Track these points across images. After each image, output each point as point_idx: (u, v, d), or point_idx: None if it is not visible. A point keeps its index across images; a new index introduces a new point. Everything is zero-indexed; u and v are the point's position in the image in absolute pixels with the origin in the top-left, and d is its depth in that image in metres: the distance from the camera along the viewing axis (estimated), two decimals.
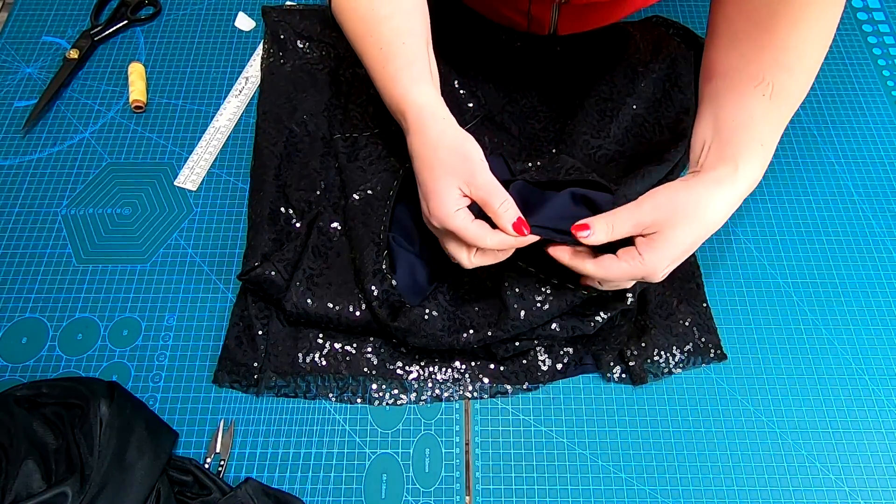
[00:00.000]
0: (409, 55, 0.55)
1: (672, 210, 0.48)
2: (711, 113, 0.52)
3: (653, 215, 0.48)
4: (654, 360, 0.59)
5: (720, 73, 0.53)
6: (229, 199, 0.68)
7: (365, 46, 0.56)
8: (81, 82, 0.75)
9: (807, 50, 0.51)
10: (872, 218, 0.67)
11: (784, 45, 0.50)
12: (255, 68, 0.76)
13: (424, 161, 0.52)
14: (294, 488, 0.54)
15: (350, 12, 0.57)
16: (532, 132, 0.70)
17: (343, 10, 0.58)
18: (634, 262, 0.49)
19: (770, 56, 0.51)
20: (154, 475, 0.50)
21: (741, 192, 0.49)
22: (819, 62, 0.52)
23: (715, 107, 0.52)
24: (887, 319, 0.62)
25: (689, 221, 0.48)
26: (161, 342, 0.61)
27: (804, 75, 0.51)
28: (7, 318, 0.61)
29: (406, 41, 0.55)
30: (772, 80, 0.50)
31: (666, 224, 0.48)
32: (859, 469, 0.56)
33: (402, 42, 0.55)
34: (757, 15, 0.51)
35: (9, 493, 0.47)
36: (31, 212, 0.67)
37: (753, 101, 0.50)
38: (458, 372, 0.59)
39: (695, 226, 0.48)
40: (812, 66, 0.52)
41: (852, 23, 0.81)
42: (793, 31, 0.50)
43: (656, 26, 0.75)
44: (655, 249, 0.48)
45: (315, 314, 0.58)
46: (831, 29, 0.52)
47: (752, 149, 0.49)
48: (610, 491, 0.55)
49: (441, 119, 0.53)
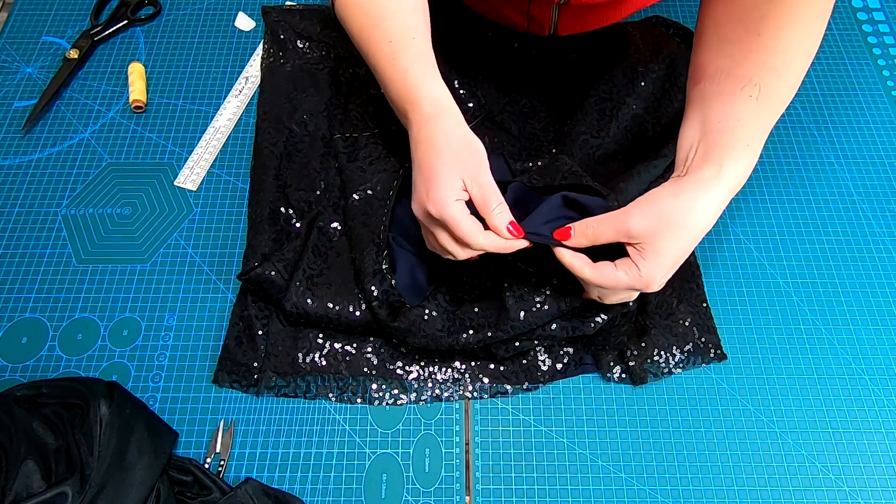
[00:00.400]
0: (419, 50, 0.56)
1: (660, 219, 0.48)
2: (699, 115, 0.52)
3: (641, 225, 0.48)
4: (654, 360, 0.59)
5: (708, 76, 0.53)
6: (229, 199, 0.68)
7: (372, 40, 0.57)
8: (81, 82, 0.75)
9: (795, 52, 0.51)
10: (872, 218, 0.67)
11: (772, 48, 0.51)
12: (255, 68, 0.76)
13: (434, 147, 0.52)
14: (294, 488, 0.54)
15: (355, 7, 0.57)
16: (532, 132, 0.70)
17: (347, 4, 0.58)
18: (632, 273, 0.49)
19: (758, 58, 0.51)
20: (154, 475, 0.50)
21: (726, 193, 0.49)
22: (807, 64, 0.52)
23: (702, 109, 0.52)
24: (887, 319, 0.62)
25: (678, 229, 0.48)
26: (161, 342, 0.61)
27: (792, 77, 0.52)
28: (7, 318, 0.61)
29: (415, 37, 0.56)
30: (759, 82, 0.50)
31: (656, 234, 0.48)
32: (859, 469, 0.56)
33: (411, 37, 0.56)
34: (746, 18, 0.51)
35: (9, 493, 0.47)
36: (31, 212, 0.67)
37: (740, 103, 0.51)
38: (458, 372, 0.59)
39: (684, 232, 0.49)
40: (800, 68, 0.52)
41: (852, 23, 0.81)
42: (781, 34, 0.51)
43: (656, 26, 0.75)
44: (649, 260, 0.49)
45: (315, 314, 0.58)
46: (819, 32, 0.52)
47: (738, 150, 0.50)
48: (610, 491, 0.55)
49: (454, 114, 0.54)
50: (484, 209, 0.51)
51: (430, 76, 0.55)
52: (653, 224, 0.48)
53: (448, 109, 0.54)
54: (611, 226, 0.50)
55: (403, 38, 0.56)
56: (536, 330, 0.56)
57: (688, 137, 0.53)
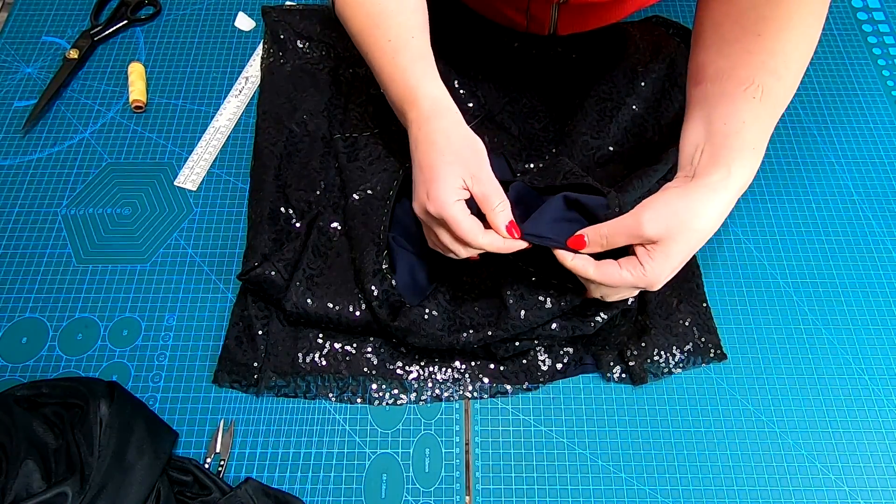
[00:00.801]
0: (419, 49, 0.56)
1: (671, 222, 0.49)
2: (702, 116, 0.53)
3: (654, 228, 0.48)
4: (654, 359, 0.59)
5: (709, 77, 0.53)
6: (229, 199, 0.68)
7: (372, 39, 0.57)
8: (81, 82, 0.75)
9: (794, 53, 0.52)
10: (872, 218, 0.67)
11: (772, 49, 0.51)
12: (255, 68, 0.76)
13: (434, 146, 0.53)
14: (294, 488, 0.54)
15: (356, 7, 0.57)
16: (532, 132, 0.70)
17: (348, 3, 0.58)
18: (637, 272, 0.49)
19: (758, 59, 0.51)
20: (154, 475, 0.50)
21: (733, 195, 0.50)
22: (805, 65, 0.53)
23: (705, 109, 0.53)
24: (887, 319, 0.62)
25: (688, 231, 0.49)
26: (161, 342, 0.61)
27: (791, 78, 0.52)
28: (7, 318, 0.61)
29: (414, 36, 0.56)
30: (761, 84, 0.51)
31: (668, 237, 0.49)
32: (859, 469, 0.56)
33: (410, 36, 0.56)
34: (744, 19, 0.52)
35: (9, 493, 0.47)
36: (31, 212, 0.67)
37: (744, 105, 0.51)
38: (458, 372, 0.59)
39: (693, 235, 0.49)
40: (799, 68, 0.52)
41: (852, 23, 0.81)
42: (780, 35, 0.51)
43: (656, 26, 0.75)
44: (657, 261, 0.49)
45: (315, 314, 0.58)
46: (816, 32, 0.53)
47: (745, 153, 0.50)
48: (610, 491, 0.55)
49: (454, 112, 0.54)
50: (485, 206, 0.51)
51: (429, 75, 0.55)
52: (665, 227, 0.48)
53: (448, 108, 0.54)
54: (624, 231, 0.50)
55: (403, 37, 0.56)
56: (536, 329, 0.56)
57: (692, 138, 0.53)
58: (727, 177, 0.49)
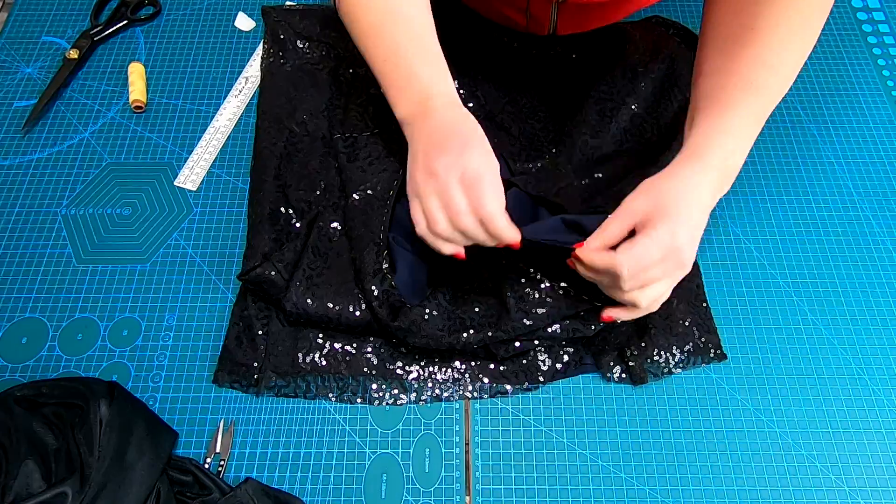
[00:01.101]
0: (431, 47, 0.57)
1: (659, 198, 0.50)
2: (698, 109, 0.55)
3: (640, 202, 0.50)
4: (654, 360, 0.59)
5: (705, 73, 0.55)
6: (229, 199, 0.68)
7: (382, 36, 0.57)
8: (81, 82, 0.75)
9: (788, 46, 0.53)
10: (872, 218, 0.67)
11: (765, 42, 0.52)
12: (255, 68, 0.76)
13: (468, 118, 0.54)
14: (294, 488, 0.54)
15: (363, 5, 0.57)
16: (532, 132, 0.70)
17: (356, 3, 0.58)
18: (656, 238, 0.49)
19: (751, 52, 0.52)
20: (154, 475, 0.50)
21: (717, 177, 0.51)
22: (802, 58, 0.54)
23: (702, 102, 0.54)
24: (887, 319, 0.62)
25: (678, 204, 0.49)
26: (161, 342, 0.60)
27: (785, 71, 0.53)
28: (7, 318, 0.61)
29: (424, 34, 0.57)
30: (751, 76, 0.52)
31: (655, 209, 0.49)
32: (859, 469, 0.56)
33: (420, 34, 0.56)
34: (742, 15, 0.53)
35: (9, 493, 0.47)
36: (31, 212, 0.67)
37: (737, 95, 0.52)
38: (458, 372, 0.59)
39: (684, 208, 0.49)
40: (794, 62, 0.53)
41: (852, 23, 0.81)
42: (776, 29, 0.52)
43: (656, 26, 0.75)
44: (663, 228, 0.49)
45: (315, 314, 0.58)
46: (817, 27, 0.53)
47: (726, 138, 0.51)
48: (610, 491, 0.55)
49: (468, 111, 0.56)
50: None
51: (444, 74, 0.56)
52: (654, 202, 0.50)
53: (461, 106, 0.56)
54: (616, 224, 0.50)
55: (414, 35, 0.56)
56: (537, 330, 0.56)
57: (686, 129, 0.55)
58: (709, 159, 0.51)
